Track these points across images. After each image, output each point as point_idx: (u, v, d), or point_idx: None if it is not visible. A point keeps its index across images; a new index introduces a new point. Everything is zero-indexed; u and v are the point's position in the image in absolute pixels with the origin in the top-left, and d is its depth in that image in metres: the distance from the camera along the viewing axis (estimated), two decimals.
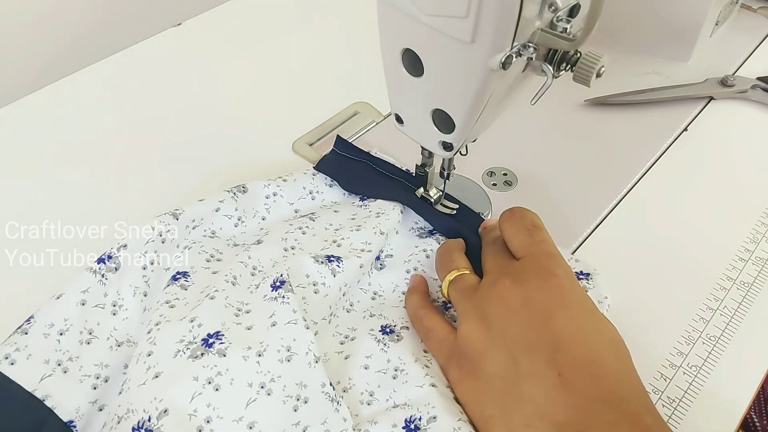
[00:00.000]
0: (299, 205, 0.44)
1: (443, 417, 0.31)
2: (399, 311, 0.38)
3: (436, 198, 0.43)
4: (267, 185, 0.43)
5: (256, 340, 0.33)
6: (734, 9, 0.61)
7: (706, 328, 0.38)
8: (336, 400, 0.32)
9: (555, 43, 0.30)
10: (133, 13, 0.67)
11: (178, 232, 0.39)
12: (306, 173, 0.45)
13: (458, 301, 0.35)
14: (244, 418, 0.30)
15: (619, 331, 0.32)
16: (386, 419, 0.32)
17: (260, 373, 0.32)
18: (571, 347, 0.29)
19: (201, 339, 0.32)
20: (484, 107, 0.32)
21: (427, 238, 0.42)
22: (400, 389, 0.33)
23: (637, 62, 0.57)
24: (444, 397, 0.32)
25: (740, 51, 0.59)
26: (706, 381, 0.35)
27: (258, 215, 0.43)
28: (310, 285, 0.37)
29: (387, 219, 0.41)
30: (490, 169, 0.48)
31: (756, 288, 0.40)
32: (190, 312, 0.34)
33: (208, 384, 0.31)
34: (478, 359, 0.31)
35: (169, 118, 0.53)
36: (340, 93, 0.54)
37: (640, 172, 0.48)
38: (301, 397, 0.32)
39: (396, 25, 0.32)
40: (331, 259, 0.38)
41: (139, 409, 0.30)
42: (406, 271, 0.40)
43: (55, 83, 0.55)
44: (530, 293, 0.31)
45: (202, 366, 0.31)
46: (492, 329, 0.31)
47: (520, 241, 0.34)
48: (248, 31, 0.63)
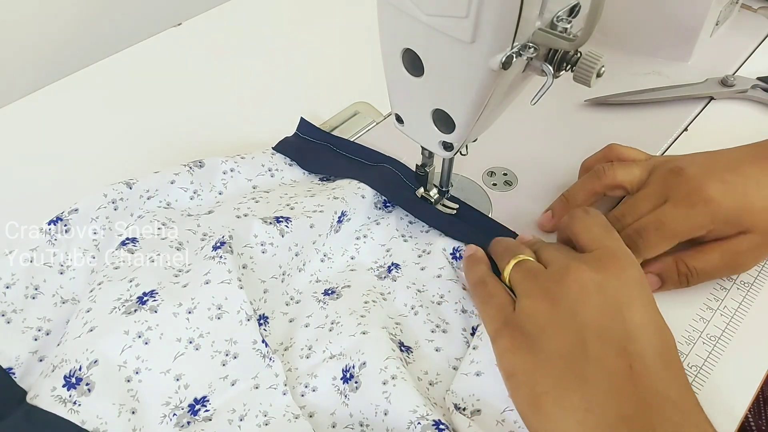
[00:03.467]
0: (257, 181, 0.45)
1: (371, 360, 0.33)
2: (344, 275, 0.40)
3: (436, 198, 0.43)
4: (224, 161, 0.44)
5: (188, 297, 0.34)
6: (734, 9, 0.61)
7: (706, 328, 0.38)
8: (268, 357, 0.34)
9: (555, 43, 0.30)
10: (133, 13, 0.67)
11: (132, 201, 0.40)
12: (265, 152, 0.46)
13: (520, 281, 0.34)
14: (171, 371, 0.32)
15: None
16: (325, 372, 0.34)
17: (189, 329, 0.33)
18: (644, 341, 0.29)
19: (136, 297, 0.34)
20: (484, 107, 0.32)
21: (380, 210, 0.43)
22: (335, 340, 0.35)
23: (637, 62, 0.57)
24: (374, 341, 0.34)
25: (740, 51, 0.59)
26: (706, 381, 0.35)
27: (215, 189, 0.44)
28: (257, 245, 0.38)
29: (342, 189, 0.42)
30: (490, 169, 0.48)
31: (756, 288, 0.40)
32: (131, 273, 0.36)
33: (138, 338, 0.32)
34: (539, 334, 0.31)
35: (169, 118, 0.53)
36: (340, 93, 0.54)
37: None
38: (230, 352, 0.34)
39: (396, 25, 0.32)
40: (280, 220, 0.39)
41: (71, 359, 0.32)
42: (355, 238, 0.42)
43: (55, 83, 0.55)
44: (607, 280, 0.31)
45: (134, 321, 0.33)
46: (560, 308, 0.31)
47: (594, 234, 0.34)
48: (248, 31, 0.63)
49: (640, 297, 0.31)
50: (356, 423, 0.32)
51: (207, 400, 0.33)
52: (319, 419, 0.33)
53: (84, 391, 0.31)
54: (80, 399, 0.31)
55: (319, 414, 0.33)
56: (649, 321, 0.30)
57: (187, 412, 0.32)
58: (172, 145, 0.50)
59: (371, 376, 0.32)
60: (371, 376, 0.32)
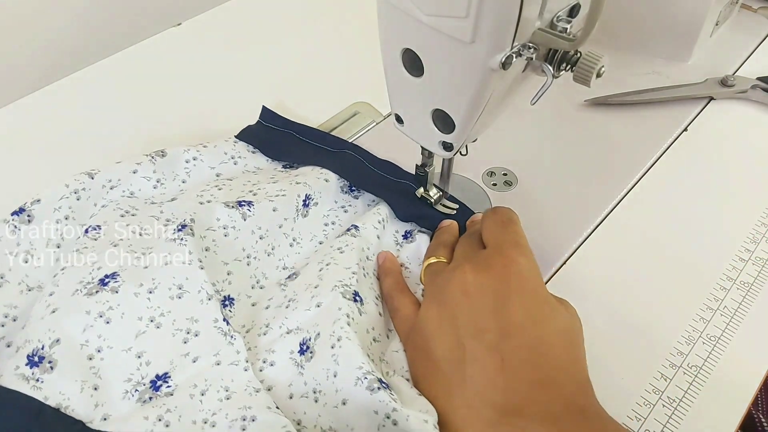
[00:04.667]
0: (221, 169, 0.45)
1: (324, 331, 0.34)
2: (308, 261, 0.40)
3: (436, 198, 0.43)
4: (187, 150, 0.45)
5: (149, 278, 0.35)
6: (734, 9, 0.61)
7: (706, 328, 0.38)
8: (230, 335, 0.34)
9: (555, 43, 0.30)
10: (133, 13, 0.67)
11: (94, 191, 0.41)
12: (228, 140, 0.47)
13: (426, 285, 0.37)
14: (132, 348, 0.34)
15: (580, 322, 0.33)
16: (283, 346, 0.35)
17: (150, 308, 0.34)
18: (518, 335, 0.31)
19: (98, 279, 0.35)
20: (484, 107, 0.32)
21: (347, 195, 0.44)
22: (291, 315, 0.36)
23: (637, 62, 0.57)
24: (325, 310, 0.35)
25: (740, 51, 0.59)
26: (706, 381, 0.35)
27: (178, 178, 0.44)
28: (220, 228, 0.39)
29: (305, 174, 0.43)
30: (490, 169, 0.48)
31: (756, 288, 0.40)
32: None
33: (99, 317, 0.33)
34: (430, 340, 0.33)
35: (169, 118, 0.53)
36: (340, 93, 0.54)
37: (640, 171, 0.48)
38: (192, 330, 0.35)
39: (396, 25, 0.32)
40: (242, 204, 0.40)
41: (34, 339, 0.33)
42: (324, 224, 0.43)
43: (55, 83, 0.55)
44: (488, 281, 0.32)
45: (95, 302, 0.34)
46: (445, 312, 0.33)
47: (491, 232, 0.36)
48: (248, 31, 0.63)
49: (521, 291, 0.32)
50: (310, 391, 0.33)
51: (169, 377, 0.33)
52: (278, 392, 0.34)
53: (47, 369, 0.32)
54: (43, 376, 0.32)
55: (278, 387, 0.34)
56: (529, 314, 0.31)
57: (149, 388, 0.33)
58: (172, 144, 0.50)
59: (323, 343, 0.33)
60: (323, 343, 0.33)
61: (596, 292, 0.40)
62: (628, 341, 0.37)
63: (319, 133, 0.48)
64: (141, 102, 0.54)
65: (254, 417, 0.31)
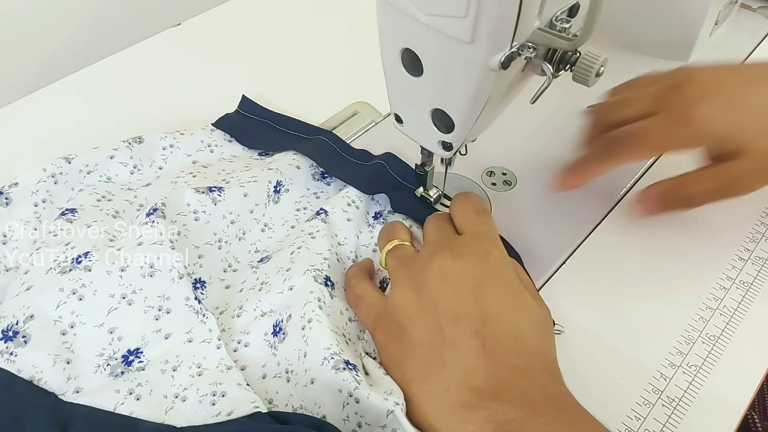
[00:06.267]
0: (197, 156, 0.46)
1: (295, 313, 0.34)
2: (281, 246, 0.41)
3: (435, 197, 0.43)
4: (164, 137, 0.45)
5: (121, 257, 0.36)
6: (734, 9, 0.61)
7: (706, 328, 0.38)
8: (202, 313, 0.35)
9: (554, 43, 0.30)
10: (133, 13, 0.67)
11: (72, 175, 0.42)
12: (204, 128, 0.48)
13: (394, 269, 0.36)
14: (105, 324, 0.34)
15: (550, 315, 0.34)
16: (257, 328, 0.35)
17: (122, 286, 0.35)
18: (497, 322, 0.31)
19: (72, 258, 0.36)
20: (483, 107, 0.32)
21: (319, 182, 0.45)
22: (264, 298, 0.36)
23: (637, 62, 0.57)
24: (297, 293, 0.35)
25: (740, 51, 0.59)
26: (705, 381, 0.36)
27: (155, 165, 0.45)
28: (190, 213, 0.40)
29: (277, 161, 0.44)
30: (490, 168, 0.48)
31: (755, 288, 0.40)
32: (68, 238, 0.37)
33: (72, 294, 0.34)
34: (406, 325, 0.33)
35: (169, 118, 0.52)
36: (339, 93, 0.55)
37: (640, 171, 0.48)
38: (163, 308, 0.35)
39: (395, 25, 0.32)
40: (213, 190, 0.41)
41: (9, 315, 0.34)
42: (296, 210, 0.43)
43: (55, 83, 0.55)
44: (467, 268, 0.33)
45: (69, 279, 0.35)
46: (424, 297, 0.33)
47: (466, 219, 0.36)
48: (248, 31, 0.63)
49: (498, 281, 0.33)
50: (282, 371, 0.34)
51: (141, 352, 0.34)
52: (251, 371, 0.34)
53: (20, 343, 0.33)
54: (16, 350, 0.33)
55: (251, 367, 0.34)
56: (506, 304, 0.32)
57: (121, 362, 0.34)
58: None
59: (295, 325, 0.34)
60: (295, 325, 0.34)
61: (596, 292, 0.40)
62: (627, 340, 0.37)
63: (296, 121, 0.49)
64: (141, 102, 0.54)
65: (224, 392, 0.32)
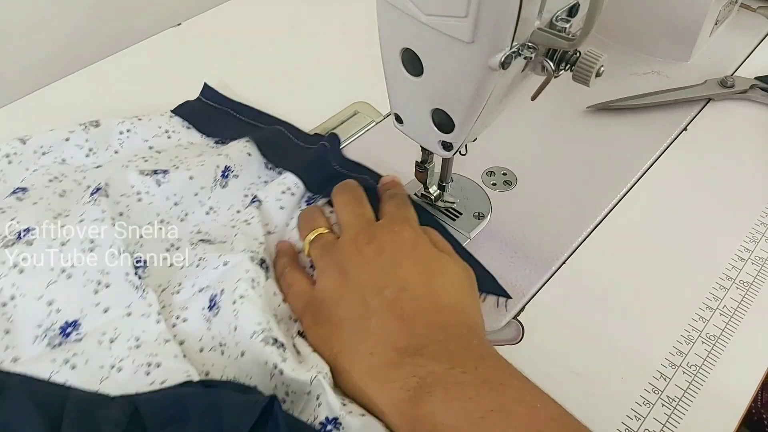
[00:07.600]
0: (154, 142, 0.47)
1: (228, 288, 0.35)
2: (225, 230, 0.41)
3: (435, 196, 0.43)
4: (121, 122, 0.46)
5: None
6: (734, 9, 0.61)
7: (706, 328, 0.38)
8: (142, 288, 0.36)
9: (554, 43, 0.30)
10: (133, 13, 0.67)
11: (26, 156, 0.43)
12: (163, 115, 0.48)
13: (318, 258, 0.38)
14: (44, 297, 0.35)
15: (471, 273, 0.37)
16: (195, 304, 0.36)
17: (62, 260, 0.36)
18: (414, 287, 0.34)
19: (15, 233, 0.37)
20: (483, 107, 0.32)
21: (272, 170, 0.45)
22: (202, 274, 0.37)
23: (637, 62, 0.57)
24: (231, 268, 0.36)
25: (739, 51, 0.59)
26: (705, 380, 0.36)
27: (111, 149, 0.45)
28: (134, 194, 0.40)
29: (229, 148, 0.44)
30: (490, 168, 0.48)
31: (755, 287, 0.40)
32: (14, 214, 0.38)
33: (13, 267, 0.35)
34: (332, 306, 0.35)
35: None
36: (339, 93, 0.55)
37: (640, 171, 0.48)
38: (102, 282, 0.36)
39: (396, 25, 0.32)
40: (157, 172, 0.41)
41: None
42: (244, 195, 0.43)
43: (54, 83, 0.55)
44: (383, 246, 0.36)
45: (10, 253, 0.36)
46: (348, 278, 0.35)
47: (387, 207, 0.40)
48: (248, 31, 0.63)
49: (412, 252, 0.36)
50: (217, 344, 0.34)
51: (79, 324, 0.35)
52: (189, 345, 0.35)
53: None
54: None
55: (189, 341, 0.35)
56: (419, 273, 0.35)
57: (59, 334, 0.35)
58: None
59: (227, 299, 0.35)
60: (227, 299, 0.35)
61: (595, 291, 0.40)
62: (627, 340, 0.37)
63: (255, 111, 0.50)
64: (141, 102, 0.54)
65: (159, 363, 0.33)
